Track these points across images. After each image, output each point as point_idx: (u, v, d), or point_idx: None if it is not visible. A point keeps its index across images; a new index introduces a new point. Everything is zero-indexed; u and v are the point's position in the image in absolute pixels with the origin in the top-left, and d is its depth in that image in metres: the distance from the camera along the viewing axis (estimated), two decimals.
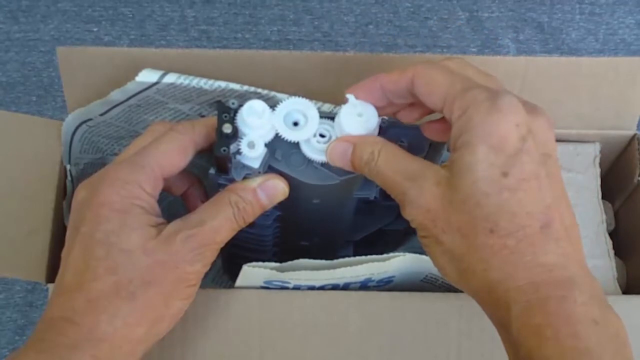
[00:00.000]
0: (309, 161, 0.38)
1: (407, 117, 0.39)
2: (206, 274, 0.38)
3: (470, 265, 0.32)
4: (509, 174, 0.31)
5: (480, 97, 0.32)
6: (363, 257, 0.40)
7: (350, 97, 0.37)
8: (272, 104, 0.38)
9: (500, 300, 0.32)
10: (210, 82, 0.42)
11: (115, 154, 0.49)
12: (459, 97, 0.33)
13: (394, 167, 0.35)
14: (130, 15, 0.73)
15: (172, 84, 0.41)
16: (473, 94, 0.33)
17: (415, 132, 0.39)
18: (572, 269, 0.32)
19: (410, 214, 0.34)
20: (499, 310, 0.33)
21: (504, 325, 0.33)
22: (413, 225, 0.35)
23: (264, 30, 0.74)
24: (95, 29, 0.73)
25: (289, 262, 0.40)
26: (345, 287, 0.44)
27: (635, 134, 0.51)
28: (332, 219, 0.44)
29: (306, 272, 0.40)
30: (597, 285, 0.32)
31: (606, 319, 0.31)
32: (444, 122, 0.38)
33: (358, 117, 0.37)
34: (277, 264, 0.40)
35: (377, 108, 0.38)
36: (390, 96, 0.37)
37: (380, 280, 0.44)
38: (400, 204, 0.35)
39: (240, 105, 0.37)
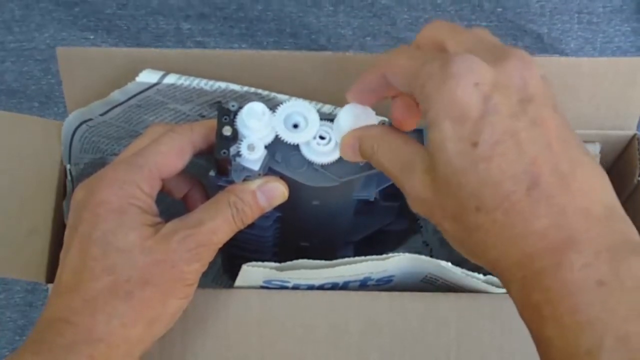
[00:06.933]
0: (309, 163, 0.38)
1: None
2: (207, 274, 0.38)
3: (472, 248, 0.30)
4: (479, 142, 0.28)
5: (433, 67, 0.30)
6: (362, 257, 0.40)
7: (349, 99, 0.37)
8: (273, 105, 0.38)
9: (503, 280, 0.30)
10: (211, 82, 0.42)
11: (115, 154, 0.49)
12: (416, 74, 0.31)
13: (390, 159, 0.33)
14: (125, 28, 0.72)
15: (172, 84, 0.41)
16: (427, 67, 0.30)
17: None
18: (572, 226, 0.28)
19: (412, 207, 0.33)
20: (507, 291, 0.30)
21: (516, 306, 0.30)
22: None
23: (261, 41, 0.73)
24: (91, 37, 0.72)
25: (289, 262, 0.40)
26: (345, 285, 0.44)
27: (635, 134, 0.51)
28: (332, 220, 0.44)
29: (305, 271, 0.40)
30: (611, 230, 0.28)
31: (619, 272, 0.27)
32: (404, 98, 0.36)
33: (356, 119, 0.36)
34: (277, 264, 0.40)
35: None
36: (381, 92, 0.35)
37: (380, 280, 0.44)
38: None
39: (240, 108, 0.37)
